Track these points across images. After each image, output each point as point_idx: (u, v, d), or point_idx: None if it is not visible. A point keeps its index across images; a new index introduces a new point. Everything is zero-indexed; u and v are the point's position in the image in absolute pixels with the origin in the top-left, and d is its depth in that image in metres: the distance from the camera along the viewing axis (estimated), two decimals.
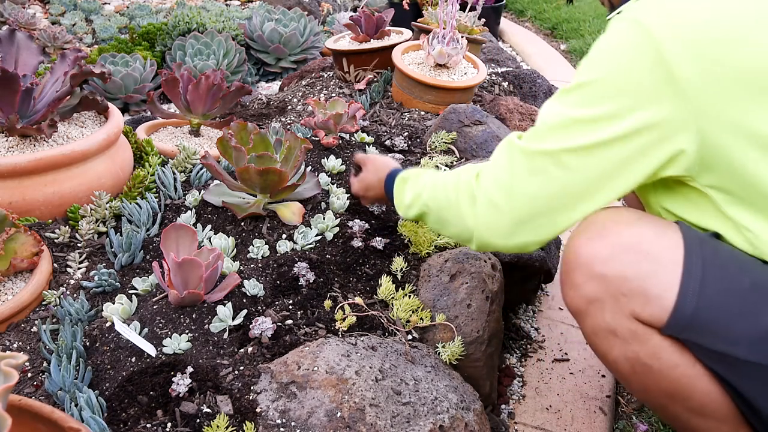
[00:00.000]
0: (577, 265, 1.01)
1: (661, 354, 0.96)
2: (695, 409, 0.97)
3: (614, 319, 0.98)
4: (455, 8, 2.23)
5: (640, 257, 0.95)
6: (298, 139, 1.58)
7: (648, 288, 0.93)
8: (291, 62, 3.50)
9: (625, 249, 0.96)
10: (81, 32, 3.93)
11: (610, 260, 0.97)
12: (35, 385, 1.18)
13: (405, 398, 1.10)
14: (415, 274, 1.47)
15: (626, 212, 1.03)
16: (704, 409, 0.96)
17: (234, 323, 1.26)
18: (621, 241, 0.97)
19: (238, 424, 1.04)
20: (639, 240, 0.96)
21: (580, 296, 1.02)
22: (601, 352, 1.05)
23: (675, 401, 0.99)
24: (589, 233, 1.01)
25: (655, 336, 0.95)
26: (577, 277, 1.02)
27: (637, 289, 0.94)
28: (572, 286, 1.03)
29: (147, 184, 1.73)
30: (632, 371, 1.00)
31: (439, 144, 1.94)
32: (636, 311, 0.95)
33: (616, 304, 0.96)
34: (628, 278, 0.95)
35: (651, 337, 0.96)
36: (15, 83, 1.56)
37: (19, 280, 1.41)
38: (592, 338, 1.05)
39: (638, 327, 0.96)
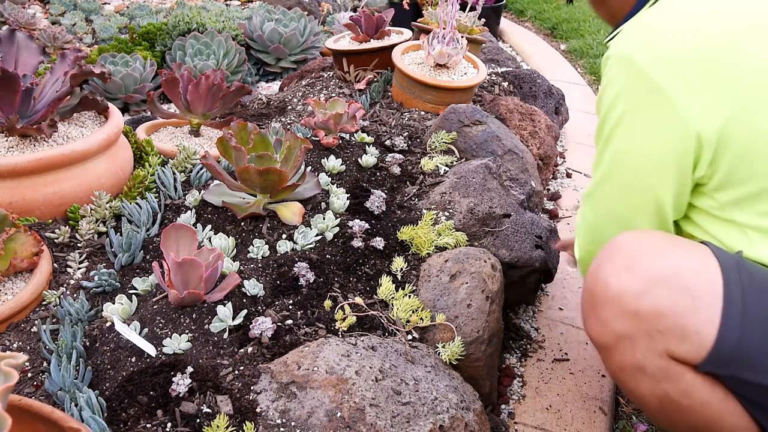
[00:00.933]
0: (605, 300, 0.96)
1: (693, 392, 0.92)
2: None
3: (645, 357, 0.93)
4: (455, 8, 2.23)
5: (677, 292, 0.90)
6: (298, 139, 1.58)
7: (686, 324, 0.88)
8: (291, 62, 3.50)
9: (660, 283, 0.91)
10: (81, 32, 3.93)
11: (644, 295, 0.91)
12: (35, 385, 1.18)
13: (405, 398, 1.10)
14: (415, 274, 1.47)
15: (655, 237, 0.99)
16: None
17: (234, 323, 1.26)
18: (655, 273, 0.92)
19: (238, 424, 1.04)
20: (675, 272, 0.91)
21: (609, 332, 0.96)
22: (626, 387, 1.01)
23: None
24: (617, 263, 0.96)
25: (687, 374, 0.91)
26: (605, 312, 0.96)
27: (675, 326, 0.89)
28: (599, 321, 0.98)
29: (147, 184, 1.73)
30: (660, 407, 0.97)
31: (439, 144, 1.94)
32: (671, 349, 0.90)
33: (650, 341, 0.91)
34: (664, 315, 0.90)
35: (683, 375, 0.91)
36: (15, 83, 1.56)
37: (19, 280, 1.41)
38: (617, 373, 1.00)
39: (671, 365, 0.92)
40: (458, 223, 1.60)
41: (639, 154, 1.02)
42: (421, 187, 1.78)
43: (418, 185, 1.79)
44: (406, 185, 1.80)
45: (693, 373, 0.91)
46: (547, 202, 2.45)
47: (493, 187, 1.72)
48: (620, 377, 1.00)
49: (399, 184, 1.80)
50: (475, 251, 1.49)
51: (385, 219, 1.64)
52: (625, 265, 0.95)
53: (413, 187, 1.78)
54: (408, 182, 1.81)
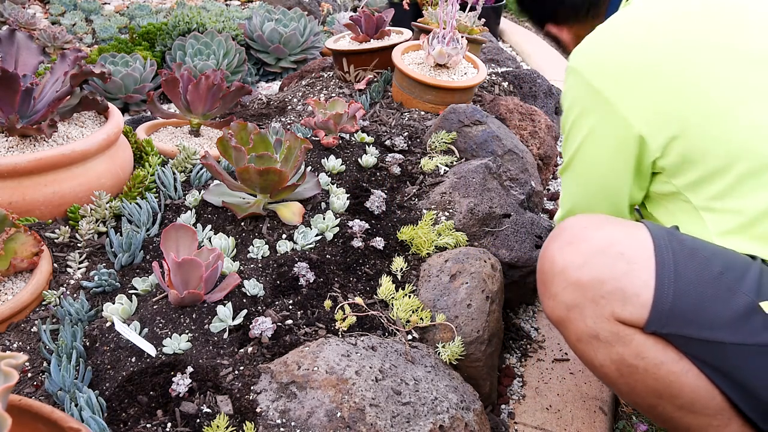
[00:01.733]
0: (553, 275, 1.04)
1: (646, 352, 0.97)
2: (685, 406, 0.98)
3: (596, 323, 0.99)
4: (455, 8, 2.23)
5: (613, 259, 0.97)
6: (298, 139, 1.58)
7: (625, 287, 0.95)
8: (291, 62, 3.50)
9: (598, 253, 0.99)
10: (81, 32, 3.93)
11: (584, 266, 0.99)
12: (35, 385, 1.18)
13: (405, 398, 1.10)
14: (415, 274, 1.47)
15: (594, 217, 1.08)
16: (694, 405, 0.97)
17: (234, 323, 1.26)
18: (592, 245, 1.00)
19: (238, 424, 1.04)
20: (610, 242, 0.99)
21: (560, 305, 1.03)
22: (586, 359, 1.06)
23: (664, 400, 0.99)
24: (560, 241, 1.05)
25: (637, 335, 0.97)
26: (554, 287, 1.03)
27: (615, 290, 0.96)
28: (550, 296, 1.05)
29: (147, 184, 1.73)
30: (618, 374, 1.01)
31: (439, 144, 1.94)
32: (616, 312, 0.96)
33: (596, 307, 0.98)
34: (604, 281, 0.97)
35: (633, 336, 0.97)
36: (15, 83, 1.56)
37: (19, 280, 1.41)
38: (576, 345, 1.06)
39: (620, 328, 0.97)
40: (458, 223, 1.60)
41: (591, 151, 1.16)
42: (421, 187, 1.78)
43: (418, 185, 1.79)
44: (406, 185, 1.80)
45: (642, 335, 0.96)
46: (547, 202, 2.45)
47: (493, 187, 1.72)
48: (579, 348, 1.05)
49: (399, 184, 1.80)
50: (475, 251, 1.49)
51: (385, 219, 1.64)
52: (567, 242, 1.03)
53: (413, 187, 1.78)
54: (408, 182, 1.81)
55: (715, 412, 0.97)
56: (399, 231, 1.57)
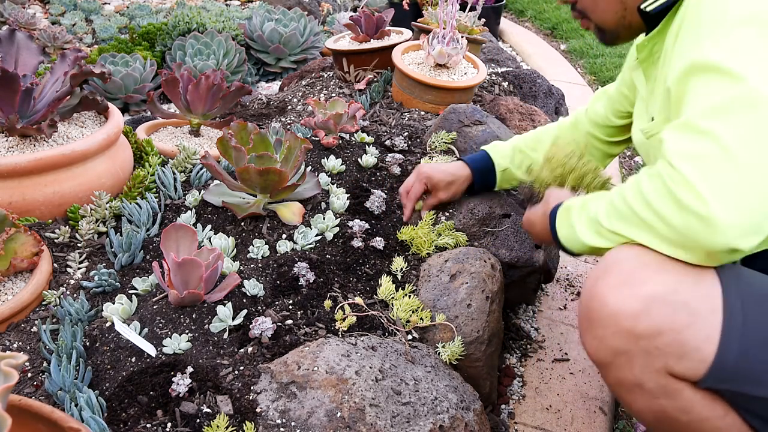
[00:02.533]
0: (601, 317, 0.93)
1: (692, 408, 0.90)
2: None
3: (643, 374, 0.91)
4: (455, 8, 2.23)
5: (675, 308, 0.87)
6: (298, 139, 1.58)
7: (685, 341, 0.87)
8: (291, 62, 3.50)
9: (658, 300, 0.88)
10: (81, 32, 3.93)
11: (641, 314, 0.89)
12: (35, 385, 1.18)
13: (405, 398, 1.10)
14: (415, 274, 1.47)
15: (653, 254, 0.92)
16: None
17: (234, 323, 1.26)
18: (652, 290, 0.89)
19: (238, 424, 1.04)
20: (672, 288, 0.88)
21: (606, 348, 0.94)
22: (624, 401, 1.00)
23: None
24: (614, 279, 0.93)
25: (686, 390, 0.90)
26: (602, 330, 0.93)
27: (673, 343, 0.87)
28: (596, 338, 0.95)
29: (147, 184, 1.73)
30: (656, 421, 0.96)
31: (439, 144, 1.94)
32: (670, 366, 0.89)
33: (648, 358, 0.89)
34: (662, 332, 0.88)
35: (682, 391, 0.90)
36: (15, 83, 1.56)
37: (19, 280, 1.41)
38: (615, 388, 0.99)
39: (669, 382, 0.90)
40: (458, 223, 1.60)
41: None
42: None
43: None
44: None
45: (692, 390, 0.89)
46: None
47: None
48: (618, 391, 0.99)
49: (399, 184, 1.80)
50: (475, 251, 1.49)
51: (385, 219, 1.64)
52: (622, 281, 0.91)
53: None
54: None
55: None
56: (399, 231, 1.57)
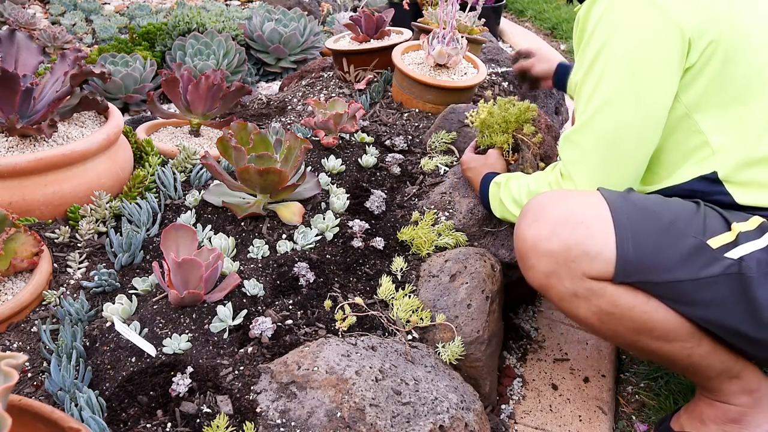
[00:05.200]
0: (526, 249, 1.18)
1: (618, 300, 1.12)
2: (661, 336, 1.14)
3: (572, 284, 1.14)
4: (455, 8, 2.23)
5: (574, 226, 1.12)
6: (298, 139, 1.58)
7: (588, 249, 1.10)
8: (291, 62, 3.50)
9: (560, 223, 1.13)
10: (81, 32, 3.93)
11: (551, 237, 1.13)
12: (35, 385, 1.18)
13: (405, 398, 1.10)
14: (415, 274, 1.47)
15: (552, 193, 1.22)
16: (668, 335, 1.13)
17: (234, 323, 1.26)
18: (556, 218, 1.14)
19: (238, 424, 1.04)
20: (569, 213, 1.14)
21: (538, 273, 1.18)
22: (571, 314, 1.20)
23: (642, 335, 1.15)
24: (527, 219, 1.19)
25: (609, 287, 1.12)
26: (530, 260, 1.18)
27: (581, 253, 1.11)
28: (529, 268, 1.19)
29: (147, 184, 1.73)
30: (600, 322, 1.16)
31: (439, 144, 1.94)
32: (586, 271, 1.11)
33: (569, 270, 1.13)
34: (570, 247, 1.11)
35: (606, 289, 1.12)
36: (15, 83, 1.56)
37: (19, 280, 1.41)
38: (560, 305, 1.20)
39: (593, 284, 1.12)
40: (458, 223, 1.60)
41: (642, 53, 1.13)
42: (421, 187, 1.78)
43: (418, 185, 1.79)
44: (406, 185, 1.80)
45: (613, 286, 1.12)
46: None
47: None
48: (563, 307, 1.20)
49: (399, 184, 1.80)
50: (475, 251, 1.49)
51: (385, 219, 1.64)
52: (533, 219, 1.18)
53: (413, 187, 1.78)
54: (408, 182, 1.81)
55: (687, 337, 1.13)
56: (399, 231, 1.57)
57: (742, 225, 1.09)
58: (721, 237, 1.08)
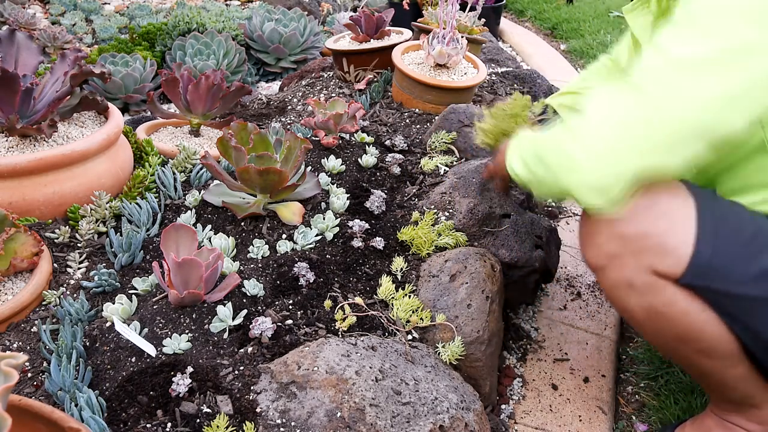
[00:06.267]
0: (599, 225, 1.09)
1: (675, 303, 1.05)
2: (703, 350, 1.09)
3: (633, 273, 1.06)
4: (455, 8, 2.23)
5: (656, 216, 1.04)
6: (298, 139, 1.58)
7: (666, 242, 1.03)
8: (291, 62, 3.50)
9: (643, 208, 1.04)
10: (81, 32, 3.93)
11: (631, 220, 1.05)
12: (35, 385, 1.18)
13: (405, 398, 1.10)
14: (415, 274, 1.47)
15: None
16: (711, 350, 1.08)
17: (234, 323, 1.26)
18: (638, 203, 1.05)
19: (238, 424, 1.04)
20: (655, 201, 1.05)
21: (602, 253, 1.10)
22: (618, 304, 1.14)
23: (685, 344, 1.10)
24: None
25: (669, 286, 1.05)
26: (599, 238, 1.10)
27: (656, 245, 1.03)
28: (594, 245, 1.12)
29: (147, 184, 1.73)
30: (647, 318, 1.11)
31: (439, 144, 1.94)
32: (654, 264, 1.04)
33: (636, 259, 1.05)
34: (647, 235, 1.04)
35: (666, 287, 1.05)
36: (15, 83, 1.56)
37: (19, 280, 1.41)
38: (610, 290, 1.14)
39: (655, 279, 1.05)
40: (458, 223, 1.60)
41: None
42: (421, 187, 1.78)
43: (418, 185, 1.79)
44: (406, 185, 1.80)
45: (674, 287, 1.05)
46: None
47: (493, 187, 1.71)
48: (613, 294, 1.13)
49: (399, 184, 1.80)
50: (475, 251, 1.49)
51: (385, 219, 1.64)
52: None
53: (413, 187, 1.78)
54: (408, 182, 1.81)
55: (728, 356, 1.08)
56: (399, 231, 1.57)
57: None
58: None
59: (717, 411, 1.24)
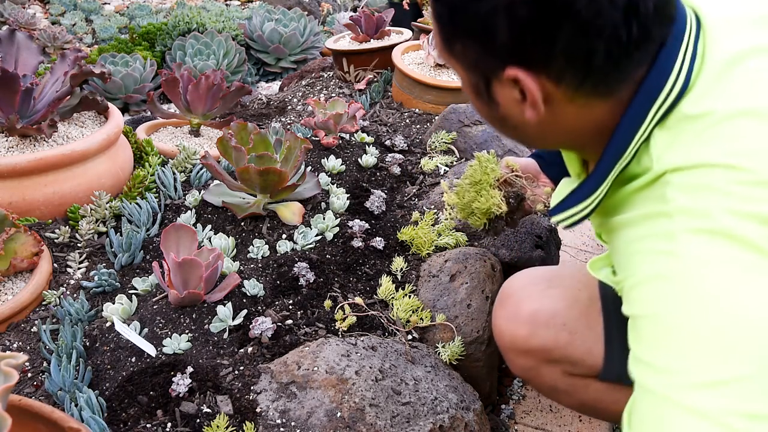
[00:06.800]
0: (504, 346, 1.10)
1: (603, 395, 1.04)
2: None
3: (553, 380, 1.07)
4: None
5: (556, 330, 1.02)
6: (298, 139, 1.58)
7: (570, 354, 1.02)
8: (291, 62, 3.50)
9: (541, 325, 1.03)
10: (81, 32, 3.93)
11: (531, 338, 1.04)
12: (35, 385, 1.18)
13: (405, 398, 1.10)
14: (415, 274, 1.47)
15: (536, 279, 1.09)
16: None
17: (234, 323, 1.26)
18: (536, 318, 1.03)
19: (238, 424, 1.04)
20: (552, 313, 1.03)
21: (518, 368, 1.11)
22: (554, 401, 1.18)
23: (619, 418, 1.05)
24: (506, 311, 1.09)
25: (592, 384, 1.03)
26: (509, 355, 1.11)
27: (562, 357, 1.03)
28: (509, 361, 1.13)
29: (147, 184, 1.73)
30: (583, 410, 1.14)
31: (439, 144, 1.94)
32: (569, 371, 1.04)
33: (549, 368, 1.06)
34: (551, 349, 1.03)
35: (589, 385, 1.04)
36: (15, 83, 1.56)
37: (19, 280, 1.41)
38: (544, 393, 1.15)
39: (575, 381, 1.05)
40: (458, 223, 1.60)
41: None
42: (421, 187, 1.78)
43: (418, 185, 1.79)
44: (406, 185, 1.80)
45: (598, 383, 1.02)
46: None
47: None
48: (548, 396, 1.15)
49: (399, 184, 1.80)
50: (475, 251, 1.49)
51: (385, 219, 1.64)
52: (512, 314, 1.07)
53: (413, 187, 1.78)
54: (408, 182, 1.81)
55: None
56: (399, 231, 1.57)
57: None
58: None
59: None
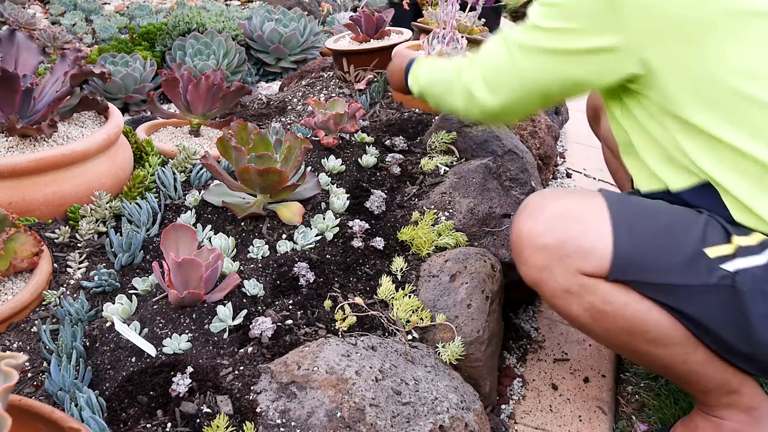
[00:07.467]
0: (521, 244, 1.17)
1: (611, 297, 1.10)
2: (654, 340, 1.12)
3: (565, 279, 1.12)
4: (455, 8, 2.23)
5: (569, 222, 1.11)
6: (298, 139, 1.58)
7: (583, 244, 1.09)
8: (291, 62, 3.50)
9: (556, 219, 1.12)
10: (81, 32, 3.93)
11: (546, 232, 1.12)
12: (35, 385, 1.18)
13: (405, 398, 1.10)
14: (415, 274, 1.47)
15: (553, 190, 1.24)
16: (662, 338, 1.11)
17: (234, 323, 1.26)
18: (551, 213, 1.13)
19: (238, 424, 1.04)
20: (565, 209, 1.13)
21: (532, 268, 1.16)
22: (563, 312, 1.18)
23: (635, 337, 1.13)
24: (524, 214, 1.18)
25: (602, 284, 1.10)
26: (524, 254, 1.17)
27: (576, 248, 1.09)
28: (523, 262, 1.18)
29: (147, 184, 1.73)
30: (592, 320, 1.15)
31: (439, 144, 1.94)
32: (580, 267, 1.10)
33: (562, 265, 1.11)
34: (565, 241, 1.10)
35: (599, 286, 1.10)
36: (15, 83, 1.56)
37: (19, 280, 1.41)
38: (552, 301, 1.18)
39: (586, 280, 1.10)
40: (458, 223, 1.60)
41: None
42: (421, 187, 1.78)
43: (418, 185, 1.79)
44: (406, 185, 1.80)
45: (606, 283, 1.10)
46: None
47: (493, 187, 1.72)
48: (555, 303, 1.18)
49: (399, 184, 1.80)
50: (475, 251, 1.49)
51: (385, 219, 1.64)
52: (529, 214, 1.17)
53: (413, 187, 1.78)
54: (408, 182, 1.81)
55: (682, 343, 1.10)
56: (399, 231, 1.57)
57: (742, 239, 1.05)
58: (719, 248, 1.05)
59: (702, 407, 1.26)
